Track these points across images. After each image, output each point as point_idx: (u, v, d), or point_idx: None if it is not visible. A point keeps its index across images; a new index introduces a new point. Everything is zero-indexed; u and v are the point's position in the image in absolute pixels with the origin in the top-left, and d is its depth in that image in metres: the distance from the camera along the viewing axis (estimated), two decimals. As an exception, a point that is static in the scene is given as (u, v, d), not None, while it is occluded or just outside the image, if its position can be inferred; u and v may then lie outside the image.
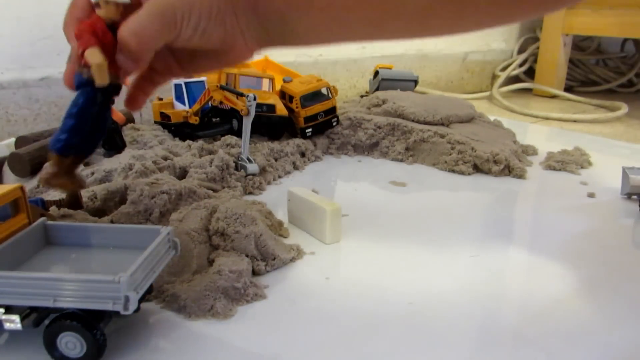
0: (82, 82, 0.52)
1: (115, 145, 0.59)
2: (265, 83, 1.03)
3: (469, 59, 1.74)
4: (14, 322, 0.42)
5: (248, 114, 0.82)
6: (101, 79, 0.50)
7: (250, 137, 0.83)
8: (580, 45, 1.84)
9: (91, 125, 0.53)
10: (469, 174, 0.91)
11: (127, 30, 0.44)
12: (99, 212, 0.65)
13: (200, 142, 0.86)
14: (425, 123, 1.00)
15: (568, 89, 1.71)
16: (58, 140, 0.51)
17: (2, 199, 0.46)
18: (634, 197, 0.80)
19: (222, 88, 0.87)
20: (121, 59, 0.47)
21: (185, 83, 0.95)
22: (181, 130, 0.93)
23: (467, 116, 1.04)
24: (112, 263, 0.48)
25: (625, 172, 0.80)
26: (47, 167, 0.55)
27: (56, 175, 0.52)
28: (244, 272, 0.52)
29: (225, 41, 0.45)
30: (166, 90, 1.12)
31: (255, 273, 0.56)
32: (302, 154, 0.95)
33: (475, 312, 0.51)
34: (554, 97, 1.65)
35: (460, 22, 0.41)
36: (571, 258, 0.62)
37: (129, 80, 0.90)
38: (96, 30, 0.50)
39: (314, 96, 0.99)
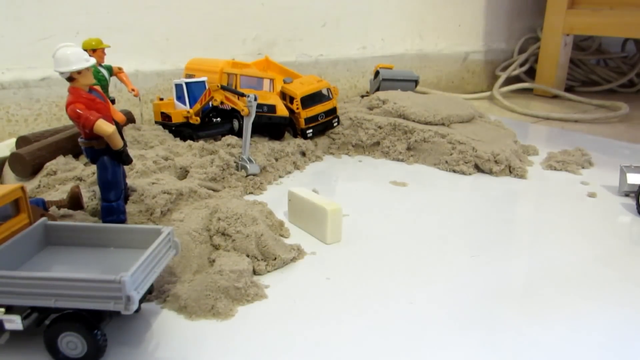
0: (97, 153, 0.57)
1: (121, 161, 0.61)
2: (266, 83, 1.03)
3: (470, 59, 1.74)
4: (14, 322, 0.42)
5: (249, 114, 0.82)
6: (117, 145, 0.54)
7: (251, 137, 0.84)
8: (581, 45, 1.83)
9: (123, 176, 0.61)
10: (470, 174, 0.90)
11: None
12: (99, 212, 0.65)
13: (201, 142, 0.86)
14: (426, 123, 1.00)
15: (569, 89, 1.71)
16: (120, 219, 0.59)
17: (3, 199, 0.46)
18: (632, 195, 0.80)
19: (223, 88, 0.87)
20: None
21: (186, 83, 0.95)
22: (182, 130, 0.93)
23: (467, 116, 1.04)
24: (112, 263, 0.48)
25: (622, 171, 0.80)
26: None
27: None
28: (245, 272, 0.52)
29: None
30: (167, 91, 1.12)
31: (256, 273, 0.56)
32: (303, 154, 0.95)
33: (475, 312, 0.51)
34: (554, 97, 1.64)
35: None
36: (571, 257, 0.62)
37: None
38: (87, 102, 0.54)
39: (315, 97, 0.99)
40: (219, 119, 0.96)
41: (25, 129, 0.99)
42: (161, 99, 1.00)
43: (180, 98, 0.95)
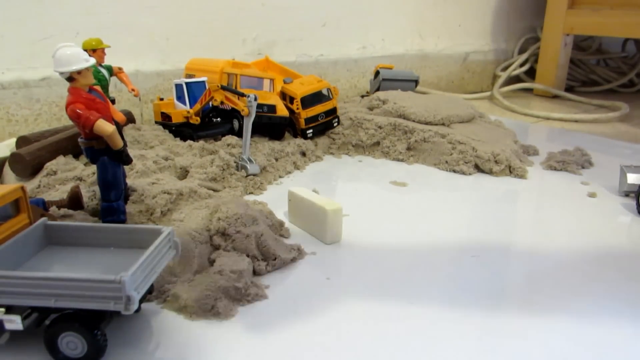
0: (97, 153, 0.57)
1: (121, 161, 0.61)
2: (266, 83, 1.03)
3: (470, 59, 1.74)
4: (15, 322, 0.42)
5: (249, 114, 0.82)
6: (117, 145, 0.54)
7: (251, 137, 0.84)
8: (581, 45, 1.83)
9: (123, 176, 0.61)
10: (470, 174, 0.90)
11: None
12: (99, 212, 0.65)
13: (201, 142, 0.86)
14: (426, 123, 1.00)
15: (569, 89, 1.71)
16: (120, 219, 0.59)
17: (3, 199, 0.46)
18: (632, 195, 0.80)
19: (223, 88, 0.87)
20: None
21: (186, 83, 0.95)
22: (182, 130, 0.93)
23: (468, 116, 1.04)
24: (112, 263, 0.48)
25: (622, 170, 0.80)
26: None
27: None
28: (245, 272, 0.52)
29: None
30: (167, 91, 1.12)
31: (256, 273, 0.56)
32: (303, 154, 0.95)
33: (476, 312, 0.51)
34: (554, 97, 1.65)
35: None
36: (571, 258, 0.62)
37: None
38: (87, 102, 0.54)
39: (315, 97, 0.99)
40: (219, 119, 0.96)
41: (25, 129, 0.99)
42: (161, 99, 1.00)
43: (180, 98, 0.95)
